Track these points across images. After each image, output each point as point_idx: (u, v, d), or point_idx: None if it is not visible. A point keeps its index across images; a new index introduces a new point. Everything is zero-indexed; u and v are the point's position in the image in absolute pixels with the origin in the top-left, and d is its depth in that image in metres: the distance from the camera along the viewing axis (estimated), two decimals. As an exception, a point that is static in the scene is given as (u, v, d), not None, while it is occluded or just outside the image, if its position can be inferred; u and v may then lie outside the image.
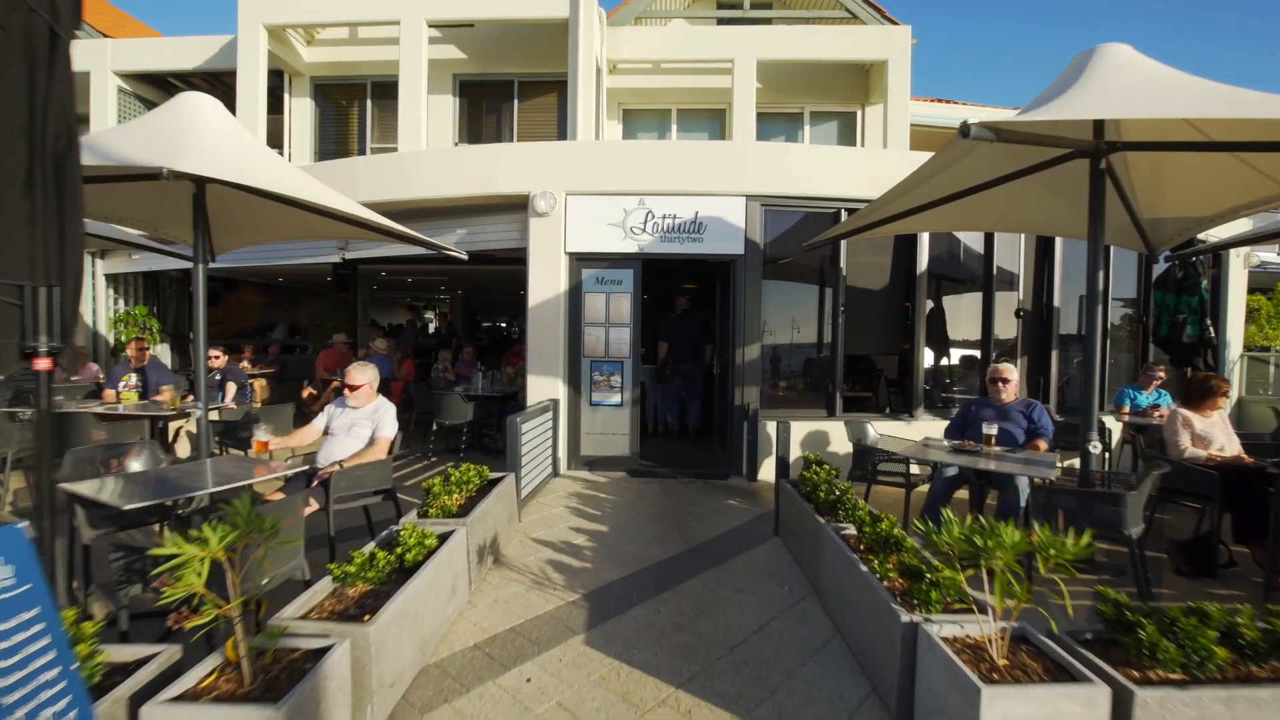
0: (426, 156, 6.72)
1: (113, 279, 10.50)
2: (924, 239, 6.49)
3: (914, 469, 4.65)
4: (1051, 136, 3.61)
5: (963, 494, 4.46)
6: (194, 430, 6.15)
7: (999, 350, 6.81)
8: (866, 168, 6.29)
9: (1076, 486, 3.65)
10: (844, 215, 6.32)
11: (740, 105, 9.77)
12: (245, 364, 10.70)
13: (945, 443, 4.35)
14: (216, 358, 6.89)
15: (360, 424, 4.06)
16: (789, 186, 6.21)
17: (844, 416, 6.38)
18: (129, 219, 5.75)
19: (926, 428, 6.37)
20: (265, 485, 4.03)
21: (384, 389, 9.17)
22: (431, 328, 13.82)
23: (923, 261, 6.50)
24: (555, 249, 6.23)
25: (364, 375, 4.13)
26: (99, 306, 10.40)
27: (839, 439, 6.24)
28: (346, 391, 4.11)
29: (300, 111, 10.44)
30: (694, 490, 5.79)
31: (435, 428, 7.04)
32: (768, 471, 6.22)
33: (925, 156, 6.34)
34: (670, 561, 4.09)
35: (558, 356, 6.25)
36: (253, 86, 9.12)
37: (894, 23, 10.03)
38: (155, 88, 11.08)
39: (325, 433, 4.14)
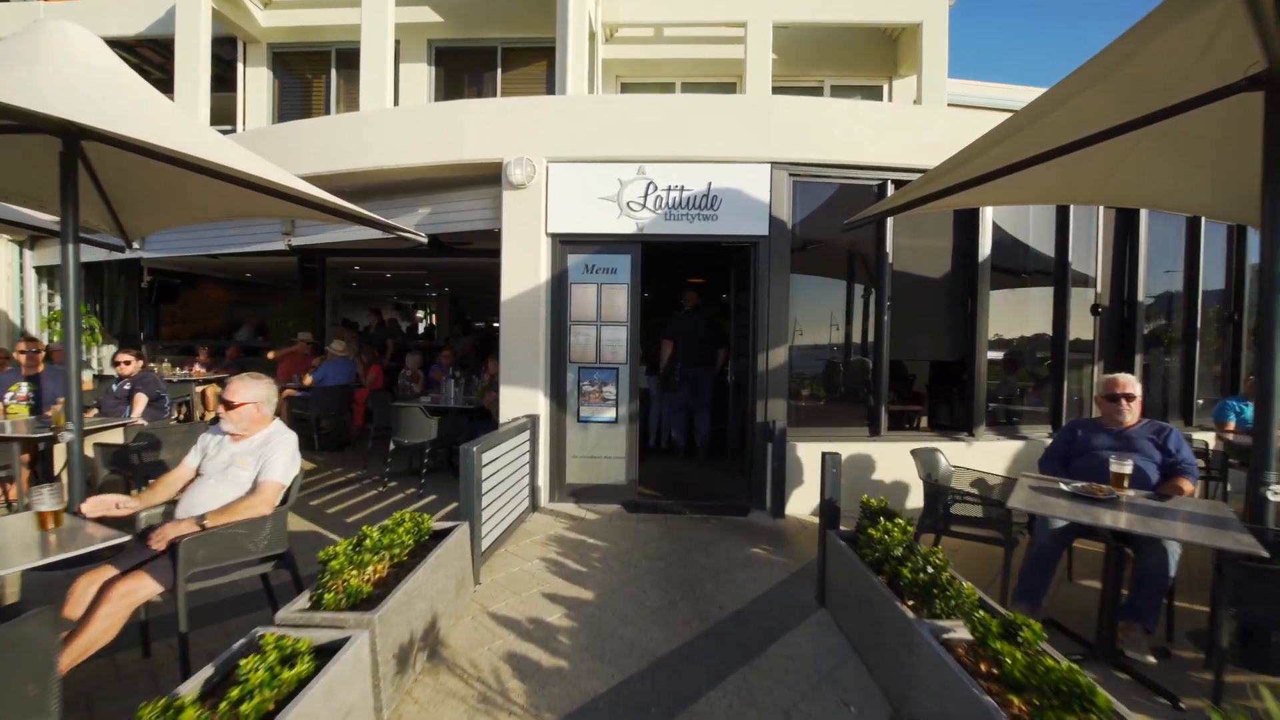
0: (380, 118, 5.53)
1: (45, 272, 9.32)
2: (986, 217, 5.29)
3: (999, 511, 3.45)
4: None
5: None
6: (90, 454, 4.97)
7: (1079, 354, 5.62)
8: (920, 130, 5.09)
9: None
10: (890, 189, 5.13)
11: (754, 74, 8.58)
12: (199, 368, 9.55)
13: (1061, 484, 3.14)
14: (127, 363, 5.71)
15: (241, 462, 2.86)
16: (824, 152, 5.01)
17: (890, 436, 5.19)
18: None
19: (991, 450, 5.18)
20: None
21: (348, 397, 8.05)
22: (362, 326, 11.68)
23: (985, 246, 5.30)
24: (534, 229, 5.03)
25: (249, 392, 2.93)
26: (28, 303, 9.22)
27: (887, 465, 5.05)
28: (222, 411, 2.92)
29: (256, 82, 9.26)
30: (707, 532, 4.59)
31: (393, 447, 5.85)
32: (798, 504, 5.03)
33: (994, 119, 5.16)
34: (680, 656, 2.89)
35: (537, 362, 5.06)
36: (194, 49, 7.93)
37: (927, -16, 8.83)
38: (96, 58, 9.88)
39: (198, 474, 2.95)
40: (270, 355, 8.57)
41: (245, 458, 2.87)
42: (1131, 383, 3.53)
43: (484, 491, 3.78)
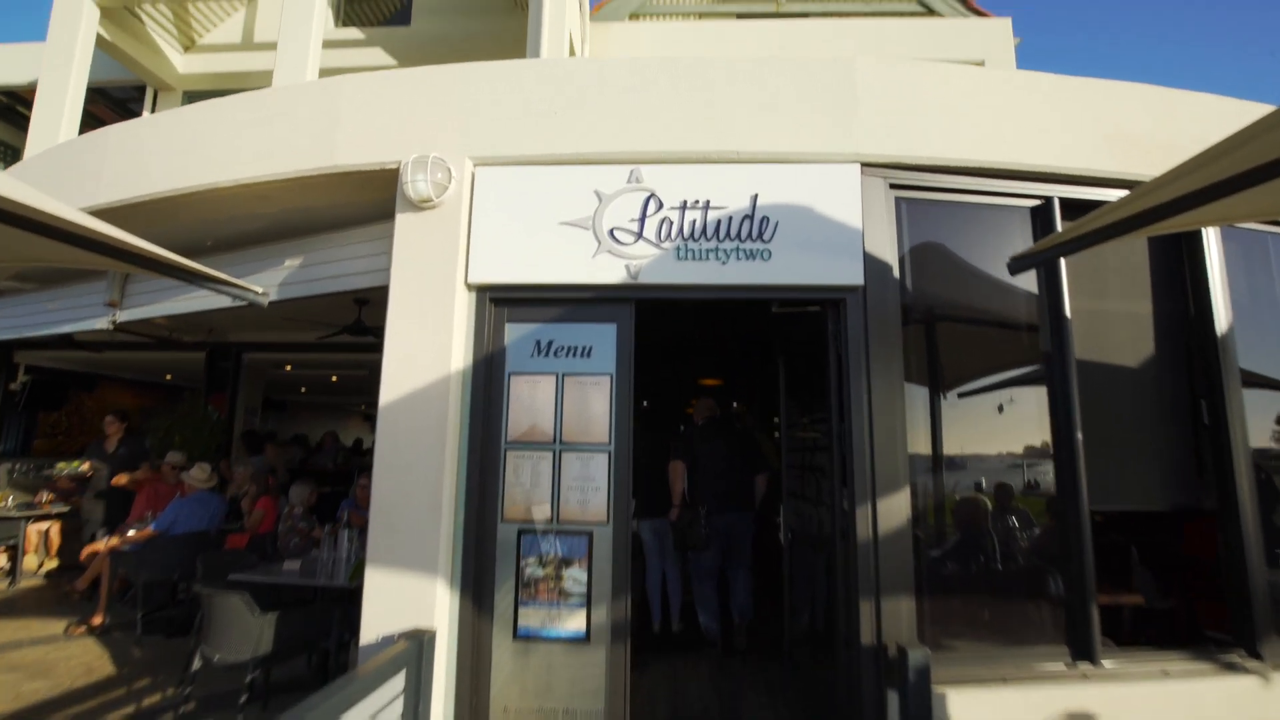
0: (211, 112, 3.47)
1: None
2: (1213, 264, 3.13)
3: None
4: None
5: None
6: None
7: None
8: (1103, 113, 3.04)
9: None
10: (1058, 208, 3.01)
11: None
12: (47, 496, 7.09)
13: None
14: None
15: None
16: (944, 145, 2.92)
17: (1114, 668, 2.70)
18: None
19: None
20: None
21: (203, 550, 5.15)
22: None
23: (1221, 312, 3.09)
24: (444, 277, 2.83)
25: None
26: None
27: (1127, 733, 2.53)
28: None
29: (164, 137, 7.52)
30: None
31: (198, 664, 3.31)
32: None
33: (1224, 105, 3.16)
34: None
35: (437, 523, 2.65)
36: (60, 89, 6.13)
37: (982, 14, 7.35)
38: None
39: None
40: (122, 481, 6.10)
41: None
42: None
43: None
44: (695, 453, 4.21)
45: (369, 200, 3.24)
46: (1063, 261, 2.98)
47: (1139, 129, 3.03)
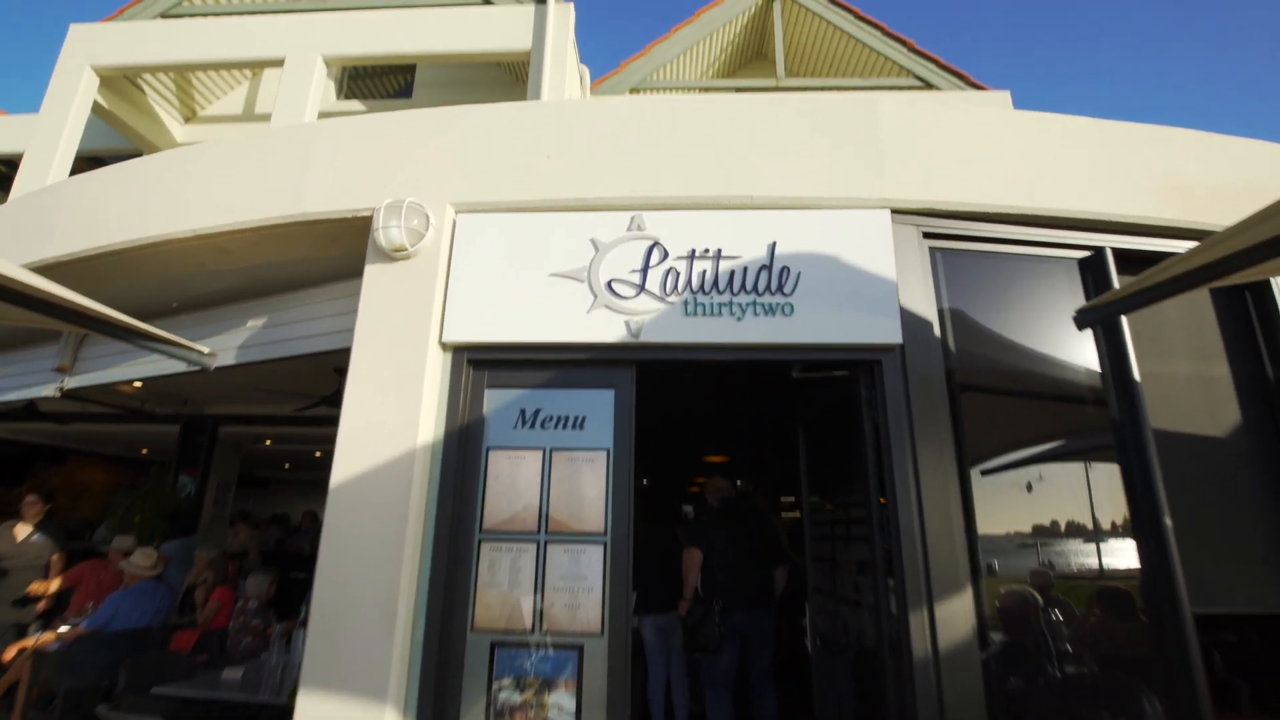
0: (177, 160, 3.22)
1: None
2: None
3: None
4: None
5: None
6: None
7: None
8: (1153, 160, 2.77)
9: None
10: (1112, 259, 2.68)
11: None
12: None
13: None
14: None
15: None
16: (984, 190, 2.62)
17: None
18: None
19: None
20: None
21: (144, 648, 4.23)
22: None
23: (1306, 372, 2.70)
24: (416, 333, 2.45)
25: None
26: None
27: None
28: None
29: (156, 204, 7.40)
30: None
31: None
32: None
33: (1273, 149, 2.90)
34: None
35: (391, 631, 2.15)
36: (48, 153, 6.01)
37: (980, 88, 7.39)
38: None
39: None
40: (42, 589, 5.26)
41: None
42: None
43: None
44: (709, 539, 3.70)
45: (340, 254, 2.92)
46: (1124, 319, 2.62)
47: (1188, 175, 2.76)
